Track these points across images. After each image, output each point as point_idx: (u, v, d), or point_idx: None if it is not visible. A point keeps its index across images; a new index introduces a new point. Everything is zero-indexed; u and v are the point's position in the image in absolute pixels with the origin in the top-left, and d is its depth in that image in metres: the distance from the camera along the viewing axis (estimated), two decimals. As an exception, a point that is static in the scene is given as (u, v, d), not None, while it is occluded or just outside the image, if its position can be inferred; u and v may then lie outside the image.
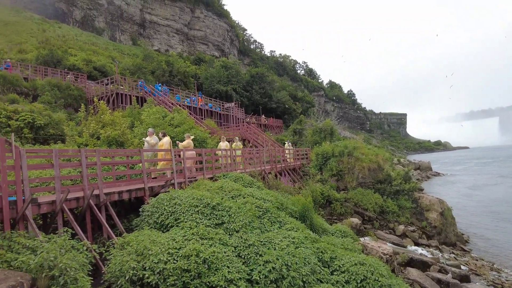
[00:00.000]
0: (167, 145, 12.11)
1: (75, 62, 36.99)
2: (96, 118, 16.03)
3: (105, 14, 60.94)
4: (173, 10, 72.20)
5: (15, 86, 24.39)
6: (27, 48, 37.94)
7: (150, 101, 23.55)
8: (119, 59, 45.85)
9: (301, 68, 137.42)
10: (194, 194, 8.83)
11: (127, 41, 64.42)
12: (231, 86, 51.00)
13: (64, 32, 48.25)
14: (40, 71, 29.91)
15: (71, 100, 27.73)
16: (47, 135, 15.99)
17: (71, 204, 8.25)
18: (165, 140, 12.34)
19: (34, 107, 16.54)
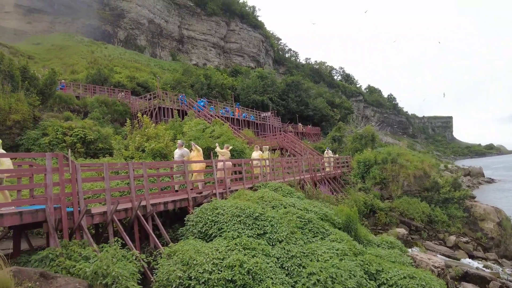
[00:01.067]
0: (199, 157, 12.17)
1: (120, 79, 39.31)
2: (141, 132, 16.83)
3: (146, 32, 64.35)
4: (209, 25, 74.58)
5: (69, 104, 26.33)
6: (78, 68, 41.00)
7: (191, 114, 24.33)
8: (160, 74, 48.04)
9: (338, 73, 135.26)
10: (237, 204, 8.93)
11: (167, 57, 67.41)
12: (267, 96, 51.37)
13: (110, 52, 51.56)
14: (89, 89, 32.12)
15: (117, 115, 29.43)
16: (97, 149, 17.05)
17: (120, 215, 8.69)
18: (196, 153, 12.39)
19: (85, 123, 17.79)
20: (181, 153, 11.95)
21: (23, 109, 16.31)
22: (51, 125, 16.52)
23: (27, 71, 18.03)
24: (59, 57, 44.71)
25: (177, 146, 12.31)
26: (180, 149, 12.06)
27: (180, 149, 12.06)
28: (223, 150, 13.78)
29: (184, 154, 11.93)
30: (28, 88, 17.65)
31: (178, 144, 12.26)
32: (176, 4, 70.20)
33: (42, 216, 7.36)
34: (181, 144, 12.21)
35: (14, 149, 16.28)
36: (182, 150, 12.00)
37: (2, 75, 16.41)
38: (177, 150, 12.15)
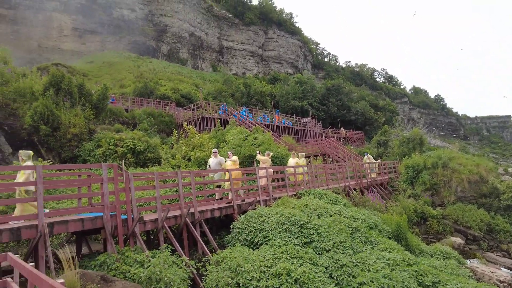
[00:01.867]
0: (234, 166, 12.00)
1: (165, 91, 41.20)
2: (187, 141, 17.46)
3: (187, 45, 66.97)
4: (248, 34, 75.88)
5: (119, 117, 28.03)
6: (126, 83, 43.63)
7: (232, 123, 24.80)
8: (202, 85, 49.65)
9: (380, 75, 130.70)
10: (281, 212, 8.91)
11: (208, 68, 69.53)
12: (306, 101, 50.95)
13: (155, 66, 54.29)
14: (137, 102, 34.00)
15: (163, 126, 30.81)
16: (146, 158, 17.93)
17: (170, 222, 9.04)
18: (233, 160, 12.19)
19: (134, 134, 18.83)
20: (218, 162, 11.79)
21: (80, 123, 17.67)
22: (104, 137, 17.70)
23: (83, 88, 19.55)
24: (109, 73, 47.93)
25: (212, 155, 12.15)
26: (215, 157, 11.88)
27: (215, 157, 11.88)
28: (264, 157, 13.75)
29: (221, 162, 11.80)
30: (84, 103, 19.11)
31: (213, 153, 12.07)
32: (215, 16, 72.39)
33: (100, 223, 7.87)
34: (216, 152, 12.05)
35: (73, 160, 17.63)
36: (218, 158, 11.83)
37: (63, 93, 17.95)
38: (213, 158, 11.97)
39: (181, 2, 66.18)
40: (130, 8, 62.58)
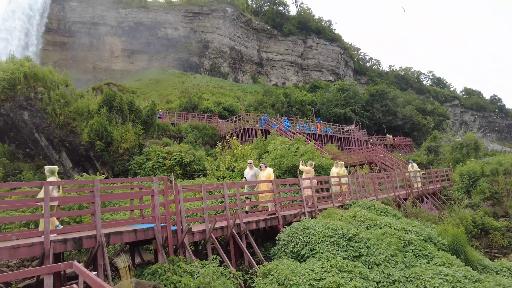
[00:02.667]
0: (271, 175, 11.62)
1: (208, 105, 42.51)
2: (230, 152, 17.81)
3: (228, 60, 68.83)
4: (287, 45, 76.30)
5: (166, 131, 29.35)
6: (172, 98, 45.72)
7: (274, 133, 24.90)
8: (243, 97, 50.58)
9: (427, 78, 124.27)
10: (328, 224, 8.71)
11: (248, 80, 70.78)
12: (349, 108, 49.76)
13: (198, 81, 56.38)
14: (182, 116, 35.42)
15: (207, 138, 31.73)
16: (192, 170, 18.53)
17: (217, 233, 9.21)
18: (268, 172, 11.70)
19: (181, 147, 19.59)
20: (254, 173, 11.48)
21: (131, 138, 18.79)
22: (153, 151, 18.62)
23: (133, 105, 20.83)
24: (156, 89, 50.59)
25: (248, 166, 11.82)
26: (251, 169, 11.60)
27: (251, 169, 11.60)
28: (307, 167, 13.50)
29: (256, 173, 11.49)
30: (134, 119, 20.32)
31: (249, 164, 11.74)
32: (254, 29, 73.80)
33: (151, 234, 8.23)
34: (252, 164, 11.78)
35: (124, 173, 18.71)
36: (254, 170, 11.57)
37: (115, 110, 19.27)
38: (248, 170, 11.68)
39: (221, 17, 68.42)
40: (173, 27, 65.90)
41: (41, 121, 19.15)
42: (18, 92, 18.82)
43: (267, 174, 11.65)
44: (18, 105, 18.94)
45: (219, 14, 68.51)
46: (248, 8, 79.22)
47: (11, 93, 18.73)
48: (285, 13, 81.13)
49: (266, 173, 11.72)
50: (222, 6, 69.50)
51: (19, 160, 19.70)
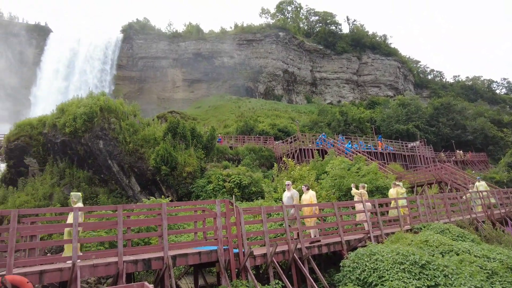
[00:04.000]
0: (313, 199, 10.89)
1: (263, 127, 43.23)
2: (287, 174, 17.70)
3: (282, 82, 69.88)
4: (340, 63, 75.40)
5: (224, 154, 30.28)
6: (229, 123, 47.38)
7: (331, 153, 24.30)
8: (297, 118, 50.58)
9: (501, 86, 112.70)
10: (397, 249, 8.10)
11: (302, 101, 70.86)
12: (412, 124, 46.97)
13: (253, 105, 57.85)
14: (239, 139, 36.38)
15: (263, 160, 32.02)
16: (250, 192, 18.74)
17: (278, 257, 9.07)
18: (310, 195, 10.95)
19: (239, 170, 20.03)
20: (291, 195, 10.72)
21: (193, 162, 19.72)
22: (214, 174, 19.28)
23: (194, 131, 21.99)
24: (214, 115, 52.93)
25: (285, 187, 11.08)
26: (288, 190, 10.87)
27: (288, 190, 10.87)
28: (359, 190, 12.43)
29: (294, 196, 10.69)
30: (196, 144, 21.38)
31: (287, 186, 11.02)
32: (307, 51, 74.36)
33: (214, 257, 8.38)
34: (290, 185, 11.05)
35: (188, 196, 19.54)
36: (291, 192, 10.81)
37: (179, 136, 20.51)
38: (286, 192, 10.97)
39: (274, 42, 70.26)
40: (229, 56, 69.16)
41: (114, 149, 21.04)
42: (95, 124, 21.03)
43: (309, 197, 10.91)
44: (95, 135, 21.10)
45: (271, 39, 70.48)
46: (300, 30, 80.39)
47: (90, 124, 20.99)
48: (338, 32, 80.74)
49: (308, 196, 10.99)
50: (275, 31, 71.48)
51: (96, 185, 21.70)
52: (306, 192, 11.10)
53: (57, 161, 22.59)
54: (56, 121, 22.03)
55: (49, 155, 23.02)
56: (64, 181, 21.52)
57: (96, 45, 64.90)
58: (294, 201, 10.55)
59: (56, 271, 7.15)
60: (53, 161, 22.63)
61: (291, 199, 10.68)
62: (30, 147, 23.28)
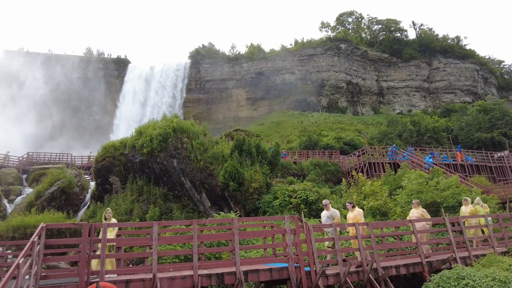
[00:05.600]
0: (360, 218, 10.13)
1: (328, 141, 42.28)
2: (357, 189, 16.93)
3: (345, 94, 68.09)
4: (409, 70, 71.13)
5: (289, 170, 30.20)
6: (292, 138, 47.32)
7: (405, 166, 22.72)
8: (364, 130, 48.55)
9: None
10: (493, 274, 7.13)
11: (368, 112, 68.01)
12: (497, 131, 41.91)
13: (316, 119, 57.14)
14: (303, 154, 36.03)
15: (329, 175, 31.19)
16: (318, 208, 18.25)
17: (352, 277, 8.61)
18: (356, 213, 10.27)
19: (305, 185, 19.75)
20: (330, 215, 10.24)
21: (259, 178, 20.01)
22: (279, 190, 19.27)
23: (259, 147, 22.41)
24: (277, 131, 53.39)
25: (324, 206, 10.66)
26: (327, 210, 10.42)
27: (327, 210, 10.42)
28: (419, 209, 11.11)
29: (333, 215, 10.19)
30: (261, 160, 21.69)
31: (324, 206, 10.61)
32: (371, 60, 71.77)
33: (286, 274, 8.28)
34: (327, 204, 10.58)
35: (254, 212, 19.77)
36: (331, 211, 10.36)
37: (245, 153, 21.08)
38: (324, 212, 10.50)
39: (336, 55, 69.23)
40: (290, 72, 69.83)
41: (186, 167, 22.33)
42: (169, 144, 22.66)
43: (355, 215, 10.20)
44: (169, 154, 22.68)
45: (333, 52, 69.57)
46: (362, 41, 78.09)
47: (164, 145, 22.68)
48: (403, 38, 76.67)
49: (353, 214, 10.28)
50: (336, 43, 70.50)
51: (170, 201, 23.15)
52: (352, 210, 10.53)
53: (136, 179, 24.69)
54: (135, 142, 24.23)
55: (130, 174, 25.28)
56: (142, 197, 23.37)
57: (167, 72, 70.72)
58: (335, 221, 10.05)
59: (139, 281, 7.70)
60: (133, 179, 24.77)
61: (331, 218, 10.22)
62: (113, 166, 25.86)
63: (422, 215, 10.80)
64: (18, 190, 30.50)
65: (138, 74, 69.53)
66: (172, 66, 72.38)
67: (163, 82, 69.00)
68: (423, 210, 11.11)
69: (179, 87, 69.41)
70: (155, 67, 71.39)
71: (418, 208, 11.10)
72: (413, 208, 11.12)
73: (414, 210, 11.06)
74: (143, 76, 69.10)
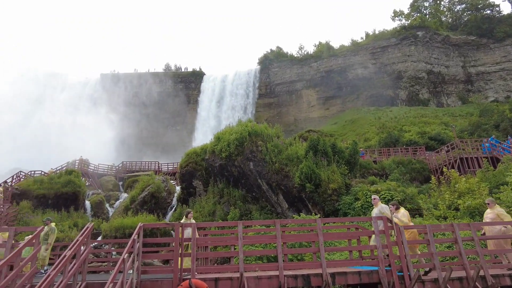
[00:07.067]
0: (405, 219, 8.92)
1: (410, 137, 39.15)
2: (450, 188, 15.27)
3: (427, 85, 62.36)
4: (504, 51, 62.18)
5: (368, 169, 28.61)
6: (370, 136, 44.90)
7: (508, 160, 19.82)
8: (451, 122, 43.85)
9: None
10: None
11: (454, 102, 61.29)
12: None
13: (395, 114, 53.38)
14: (383, 152, 33.89)
15: (414, 173, 28.73)
16: (406, 209, 16.88)
17: (454, 284, 7.71)
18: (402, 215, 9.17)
19: (389, 185, 18.47)
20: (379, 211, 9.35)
21: (337, 178, 19.33)
22: (360, 190, 18.35)
23: (335, 147, 21.72)
24: (352, 129, 51.24)
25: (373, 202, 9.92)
26: (376, 206, 9.61)
27: (376, 206, 9.61)
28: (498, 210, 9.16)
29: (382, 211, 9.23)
30: (338, 160, 20.96)
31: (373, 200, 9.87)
32: (454, 45, 64.74)
33: (376, 278, 7.76)
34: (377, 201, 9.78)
35: (334, 214, 19.12)
36: (379, 207, 9.47)
37: (320, 153, 20.61)
38: (374, 209, 9.71)
39: (412, 44, 64.09)
40: (363, 66, 66.62)
41: (262, 169, 22.70)
42: (245, 147, 23.32)
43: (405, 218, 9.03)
44: (246, 157, 23.32)
45: (409, 41, 64.53)
46: (443, 25, 70.86)
47: (241, 149, 23.42)
48: (495, 15, 67.38)
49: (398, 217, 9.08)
50: (412, 32, 65.24)
51: (249, 203, 23.74)
52: (396, 212, 9.36)
53: (217, 182, 25.91)
54: (214, 148, 25.48)
55: (211, 177, 26.64)
56: (223, 199, 24.40)
57: (239, 79, 73.36)
58: None
59: (227, 280, 7.95)
60: (213, 182, 26.05)
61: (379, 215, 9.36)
62: (196, 171, 27.54)
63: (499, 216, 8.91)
64: (117, 195, 34.39)
65: (212, 84, 73.46)
66: (243, 73, 74.80)
67: (235, 90, 71.71)
68: (500, 210, 9.11)
69: (251, 93, 71.45)
70: (227, 76, 74.57)
71: (495, 208, 9.19)
72: (488, 208, 9.28)
73: (489, 210, 9.23)
74: (217, 86, 72.78)
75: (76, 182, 28.69)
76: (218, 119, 67.43)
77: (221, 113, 68.46)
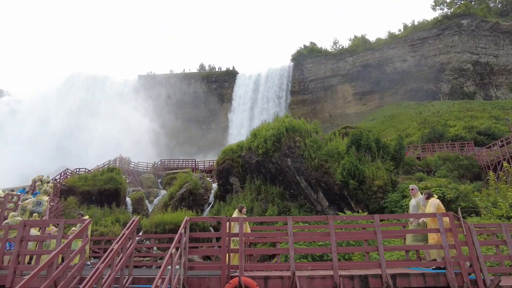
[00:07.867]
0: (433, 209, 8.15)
1: (456, 132, 36.78)
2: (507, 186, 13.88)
3: (473, 76, 58.44)
4: (562, 37, 56.97)
5: (412, 166, 27.11)
6: (411, 131, 42.69)
7: None
8: (503, 116, 40.65)
9: None
10: None
11: (505, 94, 56.89)
12: None
13: (437, 108, 50.46)
14: (427, 148, 32.03)
15: (462, 170, 26.95)
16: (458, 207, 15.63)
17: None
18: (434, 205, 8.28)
19: (440, 182, 17.21)
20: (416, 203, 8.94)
21: (382, 175, 18.31)
22: (408, 187, 17.18)
23: (379, 142, 20.63)
24: (391, 125, 49.03)
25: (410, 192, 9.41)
26: (414, 197, 9.17)
27: (414, 197, 9.17)
28: None
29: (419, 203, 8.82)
30: (383, 156, 19.87)
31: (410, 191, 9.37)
32: (505, 33, 60.07)
33: (443, 281, 7.03)
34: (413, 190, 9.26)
35: (380, 212, 18.10)
36: (417, 198, 9.02)
37: (363, 149, 19.65)
38: (412, 200, 9.24)
39: (456, 33, 60.33)
40: (401, 60, 63.72)
41: (300, 165, 22.07)
42: (282, 143, 22.80)
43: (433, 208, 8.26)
44: (283, 153, 22.80)
45: (452, 31, 60.80)
46: (491, 11, 66.10)
47: (278, 145, 22.93)
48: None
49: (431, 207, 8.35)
50: (455, 21, 61.46)
51: (287, 200, 23.21)
52: (426, 201, 8.64)
53: (253, 179, 25.60)
54: (250, 144, 25.18)
55: (247, 174, 26.38)
56: (261, 196, 24.04)
57: (272, 76, 72.79)
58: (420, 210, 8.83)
59: (278, 278, 7.52)
60: (250, 179, 25.77)
61: (417, 207, 8.99)
62: (232, 168, 27.41)
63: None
64: (156, 192, 35.16)
65: (245, 82, 73.47)
66: (276, 70, 74.14)
67: (269, 87, 71.23)
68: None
69: (284, 90, 70.67)
70: (260, 74, 74.25)
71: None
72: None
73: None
74: (250, 84, 72.68)
75: (117, 179, 29.57)
76: (252, 117, 67.35)
77: (255, 111, 68.33)
